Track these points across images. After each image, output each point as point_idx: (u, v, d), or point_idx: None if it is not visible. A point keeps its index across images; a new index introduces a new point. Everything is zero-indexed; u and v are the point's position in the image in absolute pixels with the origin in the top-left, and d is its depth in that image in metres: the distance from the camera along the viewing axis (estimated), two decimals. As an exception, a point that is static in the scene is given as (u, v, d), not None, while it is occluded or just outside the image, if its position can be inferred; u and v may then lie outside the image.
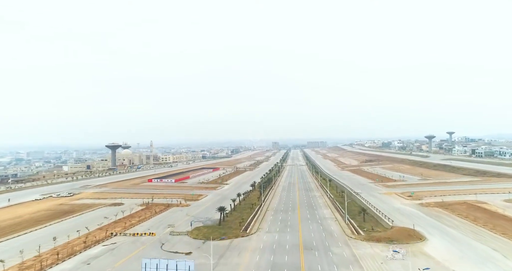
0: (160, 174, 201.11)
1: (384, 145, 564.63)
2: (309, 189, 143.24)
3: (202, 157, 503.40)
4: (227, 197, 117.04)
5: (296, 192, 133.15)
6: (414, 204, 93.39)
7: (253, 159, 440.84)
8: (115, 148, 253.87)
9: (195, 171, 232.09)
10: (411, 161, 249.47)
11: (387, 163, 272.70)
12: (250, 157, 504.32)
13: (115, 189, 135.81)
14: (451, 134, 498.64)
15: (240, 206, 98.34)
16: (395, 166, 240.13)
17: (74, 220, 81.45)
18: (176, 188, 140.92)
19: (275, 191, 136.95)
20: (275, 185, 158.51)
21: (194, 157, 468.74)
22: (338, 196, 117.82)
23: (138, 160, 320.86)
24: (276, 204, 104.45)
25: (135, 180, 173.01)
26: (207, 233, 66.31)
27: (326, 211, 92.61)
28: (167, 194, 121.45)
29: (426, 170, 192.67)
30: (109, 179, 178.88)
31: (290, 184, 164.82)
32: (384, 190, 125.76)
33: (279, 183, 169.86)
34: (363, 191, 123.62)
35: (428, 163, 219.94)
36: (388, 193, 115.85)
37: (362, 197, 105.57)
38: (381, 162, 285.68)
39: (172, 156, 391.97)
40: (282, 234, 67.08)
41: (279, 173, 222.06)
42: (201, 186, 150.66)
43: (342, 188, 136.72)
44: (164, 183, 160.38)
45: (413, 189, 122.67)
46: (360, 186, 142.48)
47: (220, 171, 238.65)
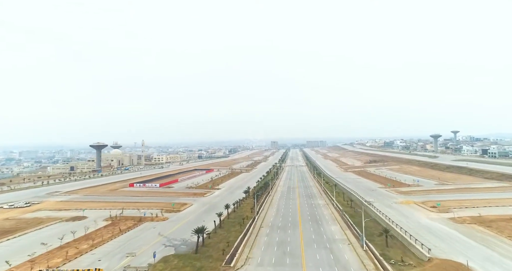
0: (145, 177, 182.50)
1: (386, 144, 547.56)
2: (311, 196, 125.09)
3: (198, 156, 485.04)
4: (215, 206, 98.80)
5: (297, 200, 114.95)
6: (444, 219, 75.27)
7: (250, 159, 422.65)
8: (100, 148, 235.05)
9: (186, 173, 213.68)
10: (420, 162, 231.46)
11: (393, 164, 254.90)
12: (248, 157, 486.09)
13: (86, 196, 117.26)
14: (455, 134, 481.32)
15: (229, 221, 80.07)
16: (403, 167, 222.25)
17: (5, 245, 62.49)
18: (159, 195, 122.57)
19: (272, 198, 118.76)
20: (272, 190, 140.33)
21: (189, 157, 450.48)
22: (346, 205, 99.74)
23: (128, 160, 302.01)
24: (273, 217, 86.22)
25: (115, 184, 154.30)
26: (176, 268, 48.10)
27: (334, 227, 74.35)
28: (145, 203, 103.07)
29: (440, 173, 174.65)
30: (86, 183, 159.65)
31: (290, 189, 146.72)
32: (400, 197, 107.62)
33: (277, 188, 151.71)
34: (375, 199, 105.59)
35: (440, 164, 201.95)
36: (406, 202, 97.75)
37: (376, 208, 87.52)
38: (387, 163, 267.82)
39: (165, 156, 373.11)
40: (278, 269, 48.84)
41: (277, 175, 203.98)
42: (188, 191, 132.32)
43: (349, 194, 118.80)
44: (146, 188, 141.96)
45: (434, 196, 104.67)
46: (369, 192, 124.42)
47: (214, 173, 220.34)
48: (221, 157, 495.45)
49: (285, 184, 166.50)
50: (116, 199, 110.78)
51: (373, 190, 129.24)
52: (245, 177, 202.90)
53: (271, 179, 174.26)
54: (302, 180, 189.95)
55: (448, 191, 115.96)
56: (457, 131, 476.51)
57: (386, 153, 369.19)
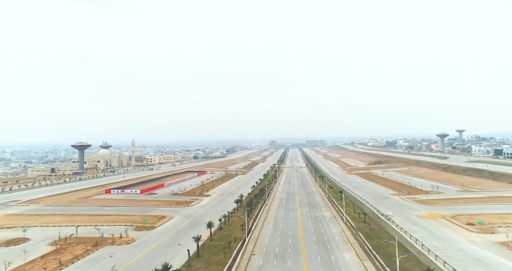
0: (128, 181, 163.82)
1: (388, 144, 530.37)
2: (314, 205, 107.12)
3: (193, 157, 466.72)
4: (199, 221, 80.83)
5: (298, 211, 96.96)
6: (493, 244, 57.35)
7: (248, 160, 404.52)
8: (83, 148, 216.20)
9: (176, 176, 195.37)
10: (430, 164, 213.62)
11: (400, 165, 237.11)
12: (245, 157, 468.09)
13: (46, 207, 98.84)
14: (461, 133, 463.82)
15: (211, 245, 62.02)
16: (412, 170, 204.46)
17: None
18: (136, 204, 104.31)
19: (269, 208, 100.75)
20: (269, 197, 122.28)
21: (184, 157, 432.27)
22: (359, 219, 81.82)
23: (117, 161, 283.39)
24: (269, 238, 68.27)
25: (90, 190, 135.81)
26: None
27: (348, 255, 56.43)
28: (114, 217, 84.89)
29: (456, 176, 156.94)
30: (57, 189, 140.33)
31: (289, 195, 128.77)
32: (422, 208, 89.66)
33: (275, 194, 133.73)
34: (392, 210, 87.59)
35: (454, 166, 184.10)
36: (432, 216, 79.80)
37: (397, 225, 69.58)
38: (393, 164, 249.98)
39: (158, 156, 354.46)
40: None
41: (276, 179, 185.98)
42: (172, 199, 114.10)
43: (359, 204, 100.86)
44: (124, 195, 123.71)
45: (463, 208, 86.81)
46: (382, 200, 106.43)
47: (206, 176, 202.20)
48: (217, 157, 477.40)
49: (284, 189, 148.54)
50: (81, 211, 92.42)
51: (386, 197, 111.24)
52: (240, 180, 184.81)
53: (268, 183, 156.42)
54: (303, 184, 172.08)
55: (477, 200, 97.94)
56: (462, 130, 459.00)
57: (390, 153, 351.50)
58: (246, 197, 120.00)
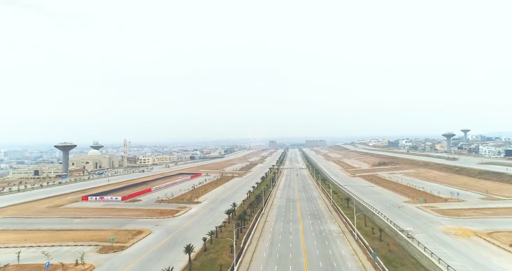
0: (112, 186, 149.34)
1: (391, 144, 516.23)
2: (318, 215, 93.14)
3: (190, 157, 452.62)
4: (181, 240, 66.85)
5: (299, 223, 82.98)
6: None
7: (246, 160, 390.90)
8: (67, 149, 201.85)
9: (166, 179, 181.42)
10: (440, 165, 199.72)
11: (407, 167, 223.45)
12: (244, 158, 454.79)
13: (4, 219, 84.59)
14: (466, 133, 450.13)
15: (188, 277, 48.10)
16: (421, 172, 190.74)
17: None
18: (112, 214, 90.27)
19: (266, 220, 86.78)
20: (267, 204, 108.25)
21: (180, 158, 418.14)
22: (373, 236, 68.06)
23: (108, 162, 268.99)
24: (264, 264, 54.39)
25: (66, 196, 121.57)
26: None
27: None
28: (81, 233, 70.95)
29: (473, 180, 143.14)
30: (29, 195, 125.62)
31: (289, 202, 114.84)
32: (446, 221, 75.70)
33: (273, 200, 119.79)
34: (411, 224, 73.74)
35: (467, 169, 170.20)
36: (463, 233, 65.90)
37: (426, 249, 55.66)
38: (398, 165, 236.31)
39: (152, 157, 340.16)
40: None
41: (274, 182, 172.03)
42: (155, 208, 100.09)
43: (371, 215, 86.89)
44: (103, 202, 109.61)
45: (497, 222, 73.02)
46: (395, 209, 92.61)
47: (200, 178, 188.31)
48: (215, 158, 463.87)
49: (283, 194, 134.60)
50: (43, 225, 78.21)
51: (399, 206, 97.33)
52: (235, 183, 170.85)
53: (266, 187, 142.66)
54: (304, 187, 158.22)
55: (509, 211, 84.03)
56: (467, 130, 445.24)
57: (394, 154, 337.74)
58: (241, 204, 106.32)
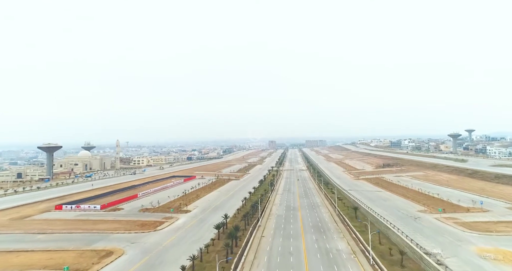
0: (94, 191, 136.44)
1: (393, 144, 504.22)
2: (323, 228, 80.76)
3: (187, 158, 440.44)
4: (157, 264, 54.63)
5: (301, 239, 70.73)
6: None
7: (245, 161, 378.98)
8: (51, 150, 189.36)
9: (158, 182, 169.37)
10: (450, 168, 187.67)
11: (414, 169, 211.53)
12: (242, 158, 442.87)
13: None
14: (470, 133, 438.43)
15: None
16: (429, 175, 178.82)
17: None
18: (86, 227, 78.04)
19: (262, 235, 74.54)
20: (264, 215, 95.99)
21: (177, 159, 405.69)
22: (390, 258, 55.97)
23: (99, 163, 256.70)
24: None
25: (39, 204, 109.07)
26: None
27: None
28: (38, 254, 58.81)
29: (490, 185, 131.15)
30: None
31: (289, 211, 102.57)
32: (478, 240, 63.55)
33: (271, 208, 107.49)
34: (435, 242, 61.65)
35: (481, 172, 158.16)
36: (505, 257, 53.77)
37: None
38: (404, 167, 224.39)
39: (147, 158, 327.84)
40: None
41: (273, 186, 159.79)
42: (137, 218, 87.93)
43: (383, 228, 74.66)
44: (79, 212, 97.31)
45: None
46: (411, 221, 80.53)
47: (194, 182, 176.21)
48: (213, 158, 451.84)
49: (282, 201, 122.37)
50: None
51: (415, 217, 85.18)
52: (231, 187, 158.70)
53: (264, 193, 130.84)
54: (305, 192, 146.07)
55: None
56: (472, 130, 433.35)
57: (397, 155, 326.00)
58: (235, 214, 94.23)
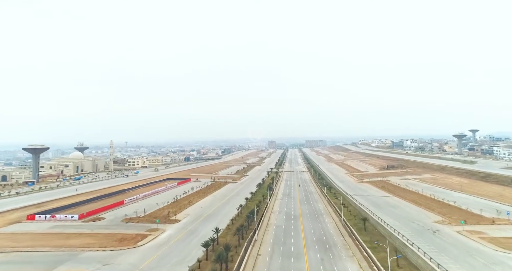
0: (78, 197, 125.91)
1: (395, 145, 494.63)
2: (328, 244, 70.27)
3: (185, 159, 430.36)
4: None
5: (304, 260, 60.41)
6: None
7: (244, 162, 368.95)
8: (37, 152, 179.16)
9: (150, 186, 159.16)
10: (460, 170, 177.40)
11: (420, 171, 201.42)
12: (241, 159, 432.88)
13: None
14: (474, 133, 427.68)
15: None
16: (438, 178, 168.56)
17: None
18: (55, 243, 67.69)
19: (258, 254, 64.18)
20: (261, 226, 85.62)
21: (174, 159, 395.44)
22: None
23: (91, 165, 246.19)
24: None
25: (11, 214, 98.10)
26: None
27: None
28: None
29: (507, 189, 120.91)
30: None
31: (289, 221, 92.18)
32: None
33: (270, 218, 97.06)
34: (469, 268, 51.35)
35: (495, 175, 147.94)
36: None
37: None
38: (410, 169, 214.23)
39: (142, 159, 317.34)
40: None
41: (272, 190, 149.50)
42: (117, 231, 77.56)
43: (401, 247, 64.28)
44: (54, 222, 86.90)
45: None
46: (430, 235, 70.14)
47: (188, 185, 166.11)
48: (211, 159, 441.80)
49: (282, 208, 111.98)
50: None
51: (434, 230, 74.74)
52: (228, 192, 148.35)
53: (262, 199, 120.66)
54: (306, 197, 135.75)
55: None
56: (476, 130, 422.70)
57: (401, 155, 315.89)
58: (228, 226, 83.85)
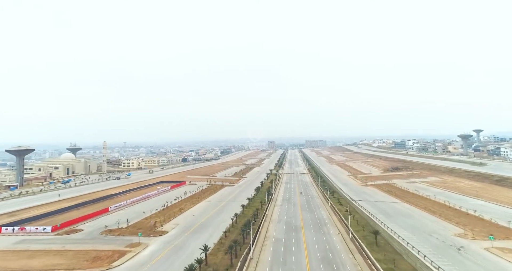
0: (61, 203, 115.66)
1: (397, 145, 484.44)
2: (336, 264, 60.01)
3: (182, 159, 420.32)
4: None
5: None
6: None
7: (242, 163, 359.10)
8: (21, 154, 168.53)
9: (140, 190, 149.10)
10: (471, 173, 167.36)
11: (427, 174, 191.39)
12: (240, 160, 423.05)
13: None
14: (478, 133, 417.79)
15: None
16: (448, 181, 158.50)
17: None
18: (11, 267, 57.64)
19: (254, 277, 54.10)
20: (257, 240, 75.41)
21: (171, 160, 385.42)
22: None
23: (83, 167, 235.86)
24: None
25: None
26: None
27: None
28: None
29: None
30: None
31: (290, 232, 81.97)
32: None
33: (268, 229, 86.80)
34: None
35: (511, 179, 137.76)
36: None
37: None
38: (416, 172, 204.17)
39: (137, 160, 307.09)
40: None
41: (271, 194, 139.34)
42: (91, 247, 67.50)
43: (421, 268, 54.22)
44: (22, 235, 76.72)
45: None
46: (456, 255, 60.07)
47: (183, 188, 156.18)
48: (209, 160, 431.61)
49: (281, 217, 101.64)
50: None
51: (458, 247, 64.61)
52: (224, 196, 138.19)
53: (260, 205, 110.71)
54: (308, 203, 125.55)
55: None
56: (480, 130, 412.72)
57: (404, 156, 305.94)
58: (220, 240, 73.54)
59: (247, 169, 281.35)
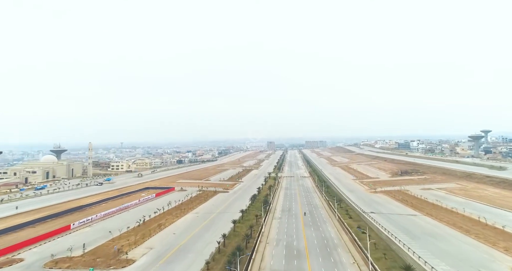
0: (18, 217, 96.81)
1: (401, 146, 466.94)
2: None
3: (177, 161, 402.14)
4: None
5: None
6: None
7: (240, 165, 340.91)
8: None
9: (120, 198, 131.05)
10: (493, 179, 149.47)
11: (441, 179, 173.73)
12: (238, 161, 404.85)
13: None
14: (487, 134, 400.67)
15: None
16: (468, 188, 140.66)
17: None
18: None
19: None
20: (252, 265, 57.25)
21: (165, 162, 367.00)
22: None
23: (65, 170, 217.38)
24: None
25: None
26: None
27: None
28: None
29: None
30: None
31: (291, 259, 63.62)
32: None
33: (263, 256, 68.48)
34: None
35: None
36: None
37: None
38: (429, 177, 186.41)
39: (127, 162, 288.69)
40: None
41: (269, 204, 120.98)
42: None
43: None
44: None
45: None
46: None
47: (169, 196, 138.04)
48: (206, 161, 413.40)
49: (280, 236, 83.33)
50: None
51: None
52: (215, 207, 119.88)
53: (256, 220, 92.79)
54: (311, 215, 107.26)
55: None
56: (488, 131, 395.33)
57: (411, 158, 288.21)
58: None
59: (244, 172, 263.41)
